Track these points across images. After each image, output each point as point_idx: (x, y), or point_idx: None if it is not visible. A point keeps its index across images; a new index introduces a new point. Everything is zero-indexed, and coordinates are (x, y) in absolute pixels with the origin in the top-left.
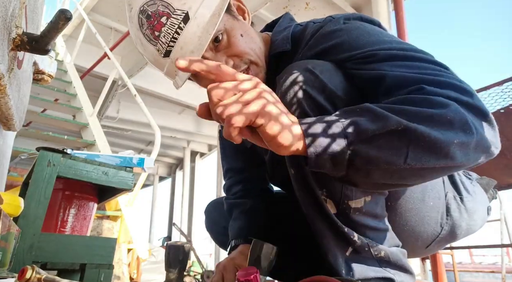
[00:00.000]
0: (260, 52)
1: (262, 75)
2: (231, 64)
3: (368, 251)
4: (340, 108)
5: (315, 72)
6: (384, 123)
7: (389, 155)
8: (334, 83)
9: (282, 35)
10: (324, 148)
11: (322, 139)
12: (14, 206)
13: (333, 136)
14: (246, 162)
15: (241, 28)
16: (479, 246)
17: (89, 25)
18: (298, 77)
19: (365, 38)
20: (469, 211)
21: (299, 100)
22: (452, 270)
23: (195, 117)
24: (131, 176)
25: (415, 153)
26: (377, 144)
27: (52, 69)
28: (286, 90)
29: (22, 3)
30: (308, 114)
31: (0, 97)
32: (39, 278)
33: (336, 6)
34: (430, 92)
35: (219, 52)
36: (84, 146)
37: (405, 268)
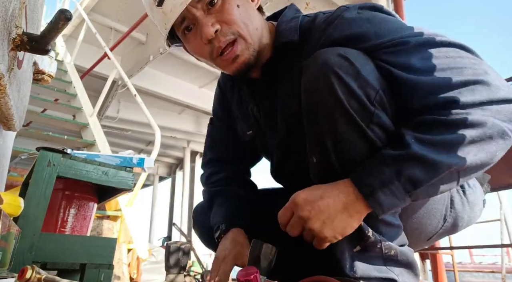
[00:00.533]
0: (254, 33)
1: (249, 53)
2: (217, 27)
3: (379, 248)
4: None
5: (349, 58)
6: (436, 172)
7: (444, 188)
8: (366, 71)
9: (289, 26)
10: (389, 208)
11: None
12: (14, 206)
13: (396, 197)
14: (235, 155)
15: (241, 0)
16: (479, 246)
17: (89, 25)
18: (330, 61)
19: (387, 26)
20: (470, 203)
21: (332, 85)
22: (452, 270)
23: (195, 117)
24: (131, 176)
25: (465, 176)
26: (433, 186)
27: (52, 69)
28: (318, 73)
29: (22, 3)
30: (341, 100)
31: (0, 97)
32: (39, 278)
33: (336, 6)
34: (463, 105)
35: (210, 15)
36: (84, 146)
37: (411, 266)
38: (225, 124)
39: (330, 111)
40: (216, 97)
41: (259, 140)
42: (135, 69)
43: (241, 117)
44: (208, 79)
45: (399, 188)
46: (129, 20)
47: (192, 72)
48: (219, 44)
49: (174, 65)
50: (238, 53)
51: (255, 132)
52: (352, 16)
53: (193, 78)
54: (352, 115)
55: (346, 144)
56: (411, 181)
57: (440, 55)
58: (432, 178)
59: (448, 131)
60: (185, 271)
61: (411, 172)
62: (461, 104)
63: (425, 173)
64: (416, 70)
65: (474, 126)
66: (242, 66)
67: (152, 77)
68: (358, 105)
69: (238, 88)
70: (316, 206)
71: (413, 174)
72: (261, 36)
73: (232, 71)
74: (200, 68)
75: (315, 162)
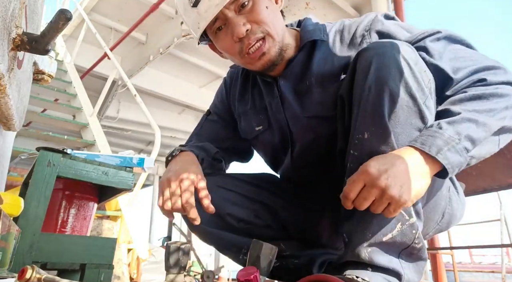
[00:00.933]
0: (281, 32)
1: (275, 50)
2: (248, 27)
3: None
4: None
5: (410, 45)
6: (488, 128)
7: (491, 148)
8: (421, 61)
9: (317, 27)
10: (455, 165)
11: (452, 159)
12: (14, 206)
13: (459, 153)
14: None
15: (269, 2)
16: (479, 246)
17: (89, 25)
18: (395, 45)
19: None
20: (461, 202)
21: (399, 63)
22: (452, 270)
23: (195, 117)
24: (131, 176)
25: (503, 138)
26: (484, 144)
27: (52, 69)
28: (384, 53)
29: (22, 3)
30: (406, 78)
31: (0, 97)
32: (39, 278)
33: (336, 6)
34: (490, 83)
35: (241, 15)
36: (84, 146)
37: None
38: (221, 120)
39: (394, 86)
40: (218, 93)
41: (267, 136)
42: (135, 69)
43: (252, 113)
44: (208, 79)
45: (461, 146)
46: (129, 20)
47: (192, 72)
48: (248, 41)
49: (174, 65)
50: (265, 50)
51: (265, 128)
52: (384, 17)
53: (193, 78)
54: (414, 93)
55: (403, 117)
56: (470, 139)
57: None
58: (486, 136)
59: (485, 101)
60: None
61: (468, 131)
62: (489, 82)
63: (480, 131)
64: (446, 60)
65: (504, 97)
66: (268, 63)
67: (152, 77)
68: (418, 86)
69: (252, 86)
70: (391, 173)
71: (470, 132)
72: (285, 35)
73: (258, 67)
74: (200, 68)
75: (366, 137)
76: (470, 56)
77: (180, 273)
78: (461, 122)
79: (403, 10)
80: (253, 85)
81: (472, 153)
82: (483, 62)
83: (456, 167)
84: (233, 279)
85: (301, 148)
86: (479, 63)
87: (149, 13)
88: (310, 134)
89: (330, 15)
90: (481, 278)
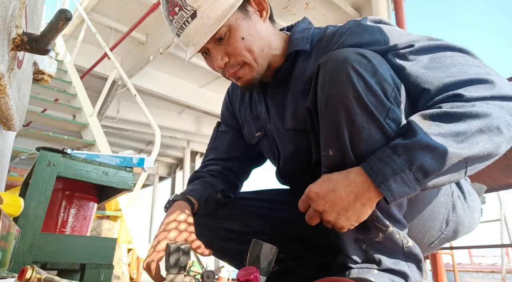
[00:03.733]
0: (259, 54)
1: (251, 75)
2: (225, 60)
3: (398, 238)
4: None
5: (367, 56)
6: (445, 160)
7: (453, 177)
8: (383, 69)
9: (302, 35)
10: (400, 196)
11: (397, 190)
12: (14, 206)
13: (407, 185)
14: (235, 158)
15: (247, 29)
16: (479, 246)
17: (89, 25)
18: (350, 58)
19: (394, 34)
20: (470, 209)
21: (351, 79)
22: (452, 270)
23: (195, 117)
24: (131, 176)
25: (472, 166)
26: (442, 174)
27: (52, 69)
28: (336, 68)
29: (22, 3)
30: (360, 94)
31: (0, 97)
32: (39, 278)
33: (336, 6)
34: (467, 99)
35: (220, 46)
36: (84, 146)
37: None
38: (232, 129)
39: (349, 104)
40: (224, 103)
41: (265, 142)
42: (135, 69)
43: (251, 119)
44: (208, 79)
45: (410, 177)
46: (129, 20)
47: (192, 72)
48: (228, 73)
49: (174, 65)
50: (241, 76)
51: (263, 134)
52: (365, 24)
53: (193, 78)
54: (371, 109)
55: (363, 136)
56: (422, 170)
57: (445, 58)
58: (443, 167)
59: (455, 122)
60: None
61: (422, 161)
62: (465, 98)
63: (436, 162)
64: (423, 69)
65: (480, 117)
66: (246, 83)
67: (152, 77)
68: (375, 100)
69: (251, 93)
70: (329, 199)
71: (424, 163)
72: (268, 52)
73: (240, 85)
74: (200, 68)
75: (331, 155)
76: (456, 65)
77: (180, 273)
78: (418, 149)
79: (403, 10)
80: (251, 92)
81: (426, 183)
82: (469, 72)
83: (399, 198)
84: (233, 279)
85: (284, 159)
86: (462, 74)
87: (149, 13)
88: (291, 146)
89: (330, 15)
90: (481, 279)
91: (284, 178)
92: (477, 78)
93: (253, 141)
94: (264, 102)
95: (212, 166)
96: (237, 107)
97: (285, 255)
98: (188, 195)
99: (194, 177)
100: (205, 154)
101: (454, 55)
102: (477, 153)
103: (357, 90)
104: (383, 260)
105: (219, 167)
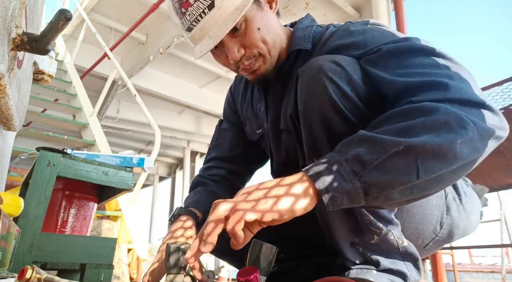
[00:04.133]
0: (273, 45)
1: (265, 67)
2: (242, 52)
3: (393, 240)
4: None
5: (341, 64)
6: (383, 149)
7: (401, 175)
8: (358, 76)
9: (304, 33)
10: (337, 190)
11: (333, 185)
12: (14, 206)
13: (342, 177)
14: (238, 156)
15: (262, 20)
16: (479, 246)
17: (89, 25)
18: (324, 67)
19: (378, 38)
20: (466, 211)
21: (326, 89)
22: (452, 270)
23: (195, 117)
24: (131, 176)
25: (424, 165)
26: (385, 169)
27: (52, 69)
28: (312, 78)
29: (22, 3)
30: (336, 102)
31: (0, 97)
32: (39, 278)
33: (336, 6)
34: (418, 101)
35: (235, 38)
36: (84, 146)
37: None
38: (234, 126)
39: (326, 113)
40: (226, 101)
41: (265, 140)
42: (135, 69)
43: (252, 116)
44: (208, 79)
45: (346, 169)
46: (129, 20)
47: (192, 72)
48: (243, 65)
49: (174, 65)
50: (255, 68)
51: (263, 132)
52: (352, 29)
53: (193, 78)
54: (347, 115)
55: None
56: (358, 160)
57: (410, 61)
58: (380, 156)
59: (400, 120)
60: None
61: (358, 151)
62: (414, 101)
63: (371, 151)
64: (387, 74)
65: (426, 113)
66: (260, 76)
67: (152, 77)
68: (352, 106)
69: (252, 89)
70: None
71: (359, 152)
72: (279, 44)
73: (252, 79)
74: (200, 68)
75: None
76: (418, 67)
77: (180, 273)
78: (355, 142)
79: (403, 10)
80: (252, 88)
81: (365, 177)
82: (430, 75)
83: (335, 193)
84: (233, 279)
85: (276, 160)
86: (421, 77)
87: (149, 13)
88: (283, 147)
89: (330, 15)
90: (481, 279)
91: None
92: (430, 81)
93: (254, 138)
94: (264, 100)
95: (215, 169)
96: (239, 103)
97: (285, 255)
98: (192, 208)
99: (197, 182)
100: (207, 152)
101: (419, 58)
102: (422, 144)
103: (332, 99)
104: (381, 260)
105: (223, 172)
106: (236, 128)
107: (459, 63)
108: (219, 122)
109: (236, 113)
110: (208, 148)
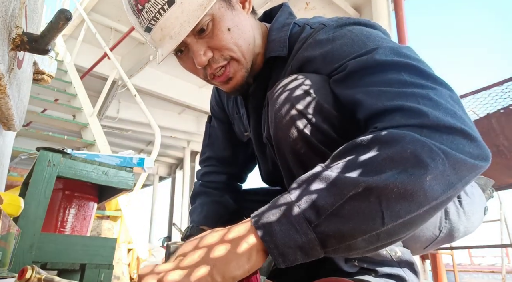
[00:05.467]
0: (247, 49)
1: (241, 74)
2: (209, 56)
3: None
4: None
5: (310, 92)
6: (340, 191)
7: (363, 223)
8: (329, 102)
9: (279, 36)
10: (288, 245)
11: (283, 238)
12: (14, 206)
13: (294, 227)
14: (233, 156)
15: (232, 19)
16: (479, 246)
17: (89, 25)
18: (291, 98)
19: (347, 47)
20: (467, 213)
21: (295, 123)
22: (452, 270)
23: (195, 117)
24: (131, 176)
25: (390, 209)
26: (343, 216)
27: (52, 69)
28: (280, 109)
29: (22, 3)
30: (306, 137)
31: (0, 97)
32: (39, 278)
33: (336, 6)
34: (382, 127)
35: (201, 40)
36: (84, 146)
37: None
38: (223, 123)
39: (298, 148)
40: (212, 97)
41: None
42: (135, 69)
43: (238, 118)
44: None
45: (298, 217)
46: (129, 20)
47: None
48: (211, 70)
49: (174, 65)
50: (231, 75)
51: (249, 136)
52: (321, 38)
53: (193, 78)
54: (319, 147)
55: None
56: (312, 205)
57: (374, 80)
58: (336, 200)
59: (361, 152)
60: None
61: (311, 194)
62: (378, 128)
63: (327, 194)
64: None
65: (390, 143)
66: (236, 87)
67: (152, 77)
68: (324, 137)
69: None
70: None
71: (313, 196)
72: (253, 48)
73: (227, 90)
74: None
75: None
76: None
77: None
78: (310, 183)
79: (403, 10)
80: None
81: (321, 226)
82: (397, 96)
83: (283, 245)
84: None
85: (264, 171)
86: (387, 99)
87: None
88: (267, 159)
89: (330, 15)
90: (481, 279)
91: (269, 183)
92: (398, 106)
93: (244, 139)
94: (245, 107)
95: (214, 175)
96: (225, 102)
97: None
98: (203, 226)
99: (199, 192)
100: (201, 151)
101: (388, 74)
102: (384, 184)
103: (302, 133)
104: (378, 269)
105: (222, 177)
106: (226, 126)
107: (437, 78)
108: (209, 119)
109: (224, 112)
110: (201, 145)
